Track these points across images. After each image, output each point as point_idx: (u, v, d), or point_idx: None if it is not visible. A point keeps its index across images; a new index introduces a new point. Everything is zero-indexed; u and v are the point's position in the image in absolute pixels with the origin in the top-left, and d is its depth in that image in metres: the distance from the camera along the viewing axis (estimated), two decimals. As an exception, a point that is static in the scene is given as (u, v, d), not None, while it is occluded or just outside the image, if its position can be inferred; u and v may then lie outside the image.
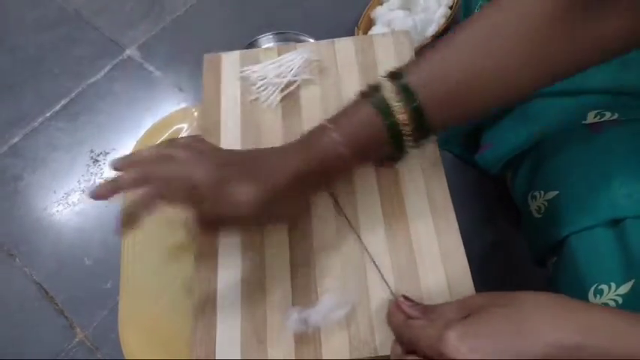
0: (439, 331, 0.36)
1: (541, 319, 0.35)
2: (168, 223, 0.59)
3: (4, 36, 1.23)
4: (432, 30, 1.02)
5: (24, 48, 1.20)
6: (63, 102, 1.12)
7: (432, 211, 0.51)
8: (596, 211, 0.51)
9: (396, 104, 0.44)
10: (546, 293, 0.37)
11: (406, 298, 0.42)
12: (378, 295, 0.47)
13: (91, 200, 0.45)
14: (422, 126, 0.45)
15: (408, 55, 0.61)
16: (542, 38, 0.43)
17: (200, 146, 0.47)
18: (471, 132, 0.71)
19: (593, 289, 0.48)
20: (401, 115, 0.44)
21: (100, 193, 0.44)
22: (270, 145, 0.49)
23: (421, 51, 0.47)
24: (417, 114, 0.44)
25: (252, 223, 0.49)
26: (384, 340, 0.45)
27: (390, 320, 0.42)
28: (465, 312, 0.38)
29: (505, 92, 0.46)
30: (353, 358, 0.45)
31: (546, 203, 0.57)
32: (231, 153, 0.49)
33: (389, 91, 0.45)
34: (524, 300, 0.36)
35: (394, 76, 0.46)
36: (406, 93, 0.44)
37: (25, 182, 1.02)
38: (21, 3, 1.28)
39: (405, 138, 0.46)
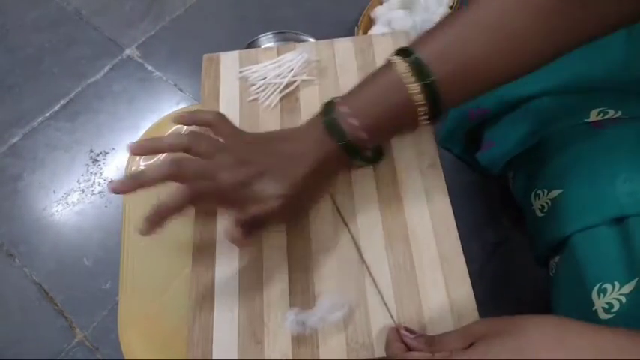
0: None
1: (543, 345, 0.34)
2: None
3: (4, 36, 1.23)
4: (432, 30, 1.01)
5: (24, 48, 1.20)
6: (62, 102, 1.12)
7: (431, 213, 0.51)
8: (600, 209, 0.51)
9: (411, 83, 0.44)
10: (548, 317, 0.37)
11: (408, 329, 0.43)
12: (376, 297, 0.47)
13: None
14: (436, 102, 0.45)
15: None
16: (548, 14, 0.43)
17: (224, 131, 0.48)
18: (472, 130, 0.71)
19: (596, 288, 0.48)
20: (416, 94, 0.44)
21: (122, 189, 0.44)
22: None
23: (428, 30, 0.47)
24: (432, 90, 0.44)
25: (283, 218, 0.50)
26: (381, 342, 0.45)
27: (389, 349, 0.42)
28: (468, 340, 0.38)
29: (517, 67, 0.46)
30: (350, 359, 0.44)
31: (549, 202, 0.56)
32: (249, 144, 0.48)
33: (402, 68, 0.44)
34: (525, 326, 0.36)
35: (404, 53, 0.45)
36: (420, 68, 0.44)
37: (24, 182, 1.02)
38: (21, 3, 1.28)
39: (419, 117, 0.45)
